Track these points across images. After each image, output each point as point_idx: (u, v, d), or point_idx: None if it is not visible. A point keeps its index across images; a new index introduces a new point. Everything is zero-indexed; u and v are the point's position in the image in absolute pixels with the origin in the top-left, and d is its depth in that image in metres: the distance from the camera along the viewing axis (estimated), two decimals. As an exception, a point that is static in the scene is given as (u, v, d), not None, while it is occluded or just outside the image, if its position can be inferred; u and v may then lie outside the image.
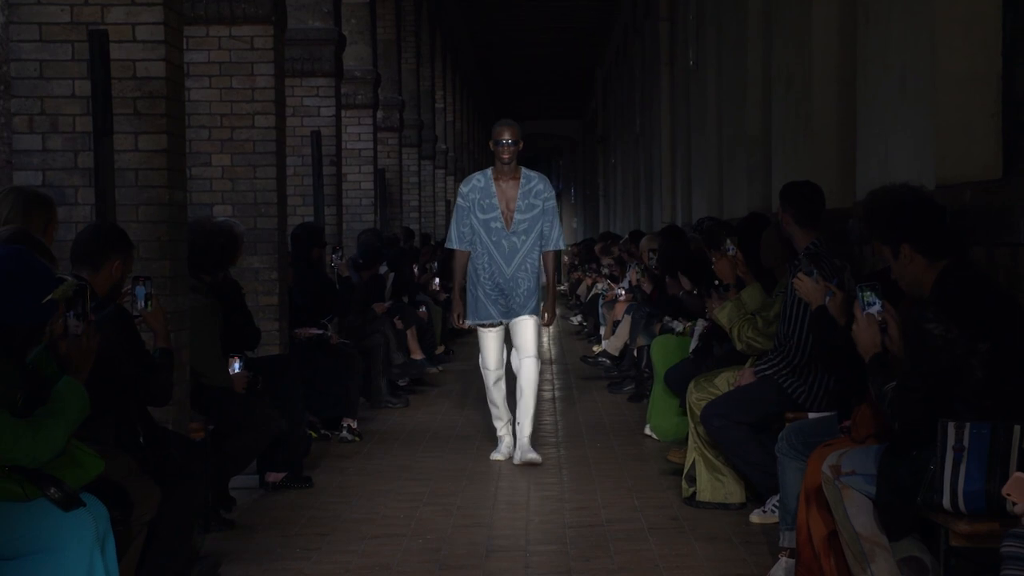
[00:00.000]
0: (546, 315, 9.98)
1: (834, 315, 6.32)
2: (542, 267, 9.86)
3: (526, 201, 9.63)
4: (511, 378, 10.13)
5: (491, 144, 9.72)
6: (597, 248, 22.65)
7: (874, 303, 5.35)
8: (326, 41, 13.05)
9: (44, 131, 7.16)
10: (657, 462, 9.54)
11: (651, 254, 13.89)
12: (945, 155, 6.78)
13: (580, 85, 45.35)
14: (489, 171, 9.87)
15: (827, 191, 7.70)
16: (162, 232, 7.18)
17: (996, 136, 6.65)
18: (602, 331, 16.40)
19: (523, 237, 9.63)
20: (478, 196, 9.66)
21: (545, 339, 20.62)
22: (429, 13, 25.10)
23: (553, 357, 17.84)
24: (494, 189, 9.65)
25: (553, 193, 9.71)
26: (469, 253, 9.75)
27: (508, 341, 9.99)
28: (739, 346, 7.98)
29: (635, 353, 13.36)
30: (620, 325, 14.67)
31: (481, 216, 9.62)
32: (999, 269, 5.83)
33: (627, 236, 19.10)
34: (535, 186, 9.70)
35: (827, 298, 6.37)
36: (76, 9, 7.09)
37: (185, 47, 8.11)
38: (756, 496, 7.72)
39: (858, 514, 5.27)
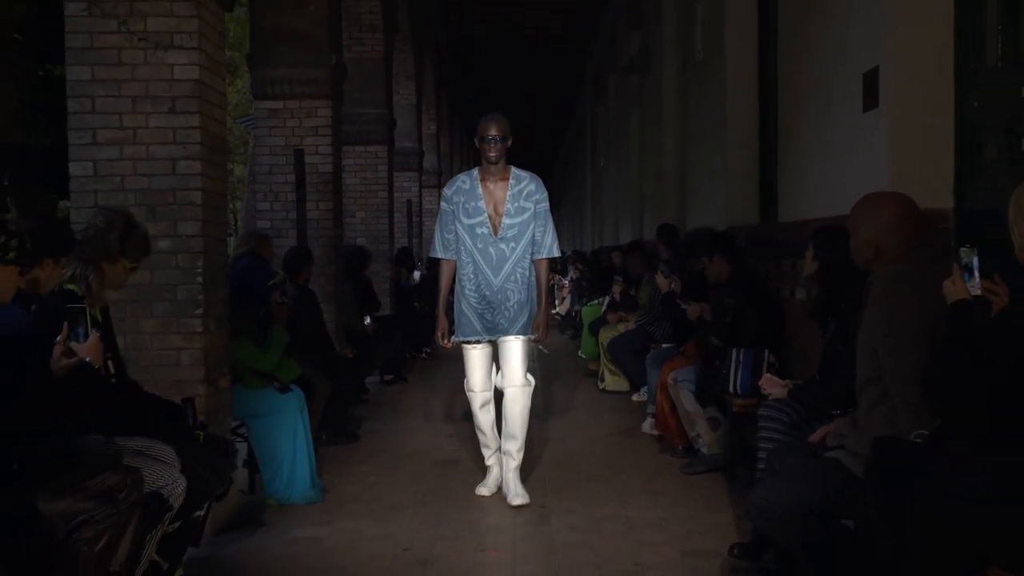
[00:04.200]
0: (539, 329, 5.07)
1: (676, 293, 6.41)
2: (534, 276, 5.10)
3: (516, 204, 4.93)
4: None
5: (476, 141, 5.02)
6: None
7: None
8: (413, 153, 13.10)
9: (271, 200, 7.29)
10: (583, 371, 9.54)
11: (579, 264, 14.24)
12: (731, 211, 6.83)
13: (548, 164, 44.27)
14: (475, 171, 5.10)
15: (671, 230, 7.75)
16: (329, 252, 7.30)
17: (756, 201, 6.72)
18: (556, 301, 16.47)
19: (512, 244, 4.93)
20: (463, 199, 4.97)
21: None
22: (470, 139, 25.12)
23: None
24: (480, 191, 4.95)
25: (546, 195, 5.07)
26: (455, 263, 5.05)
27: (495, 360, 5.27)
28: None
29: (574, 314, 13.45)
30: (566, 299, 14.80)
31: (466, 221, 4.93)
32: (759, 273, 5.91)
33: (571, 252, 19.29)
34: (526, 187, 4.96)
35: (672, 285, 6.45)
36: (288, 139, 7.23)
37: (343, 156, 8.22)
38: (635, 387, 7.73)
39: (687, 402, 5.32)
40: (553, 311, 16.46)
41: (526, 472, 5.07)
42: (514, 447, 4.89)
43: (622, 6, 13.21)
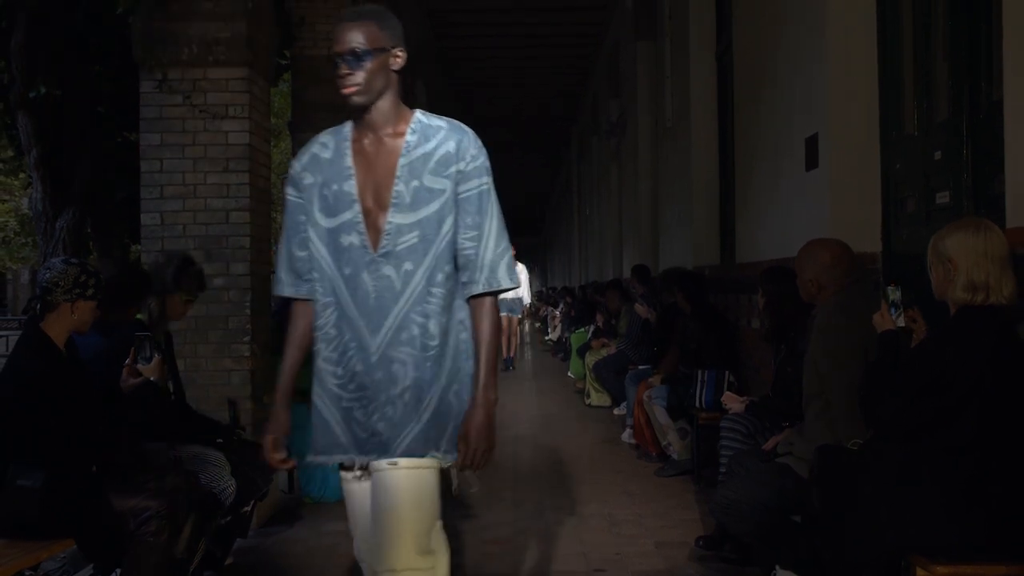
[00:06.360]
0: (464, 446, 1.47)
1: (651, 322, 6.40)
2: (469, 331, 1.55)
3: (413, 182, 1.31)
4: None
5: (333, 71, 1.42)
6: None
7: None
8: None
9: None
10: (571, 388, 9.44)
11: (568, 298, 14.19)
12: (697, 252, 6.82)
13: (540, 212, 43.87)
14: (347, 127, 1.43)
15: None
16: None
17: (717, 245, 6.72)
18: (549, 328, 16.44)
19: (407, 265, 1.39)
20: (320, 178, 1.40)
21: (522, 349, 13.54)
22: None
23: (528, 339, 17.60)
24: (349, 161, 1.35)
25: (483, 162, 1.31)
26: (312, 307, 1.66)
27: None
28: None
29: (564, 340, 13.40)
30: (558, 327, 14.75)
31: (324, 222, 1.43)
32: (720, 306, 5.92)
33: (560, 288, 19.25)
34: (440, 148, 1.32)
35: (650, 314, 6.44)
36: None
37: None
38: (616, 402, 7.63)
39: (659, 416, 5.30)
40: (546, 337, 16.42)
41: (524, 474, 5.08)
42: None
43: (603, 79, 13.37)
